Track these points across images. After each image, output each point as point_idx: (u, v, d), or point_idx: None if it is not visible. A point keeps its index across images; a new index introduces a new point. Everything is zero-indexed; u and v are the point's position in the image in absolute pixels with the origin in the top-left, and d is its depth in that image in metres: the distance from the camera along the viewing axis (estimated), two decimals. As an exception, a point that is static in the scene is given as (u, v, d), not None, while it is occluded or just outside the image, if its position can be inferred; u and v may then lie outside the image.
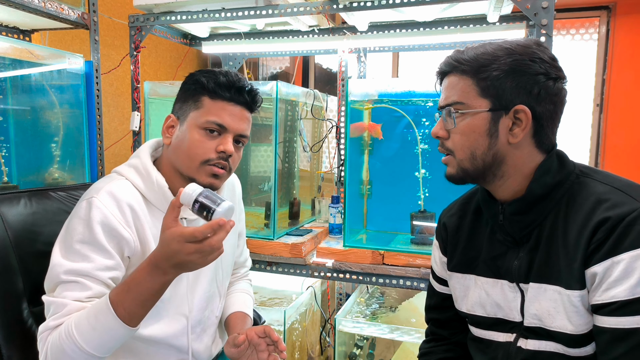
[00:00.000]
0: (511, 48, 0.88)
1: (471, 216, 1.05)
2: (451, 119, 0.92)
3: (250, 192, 2.13)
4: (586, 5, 3.32)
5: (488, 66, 0.88)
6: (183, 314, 1.14)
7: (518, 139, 0.88)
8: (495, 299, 0.97)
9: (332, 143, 2.28)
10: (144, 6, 1.86)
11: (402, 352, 1.89)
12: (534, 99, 0.87)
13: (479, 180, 0.95)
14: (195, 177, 1.08)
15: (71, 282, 0.97)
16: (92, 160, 1.87)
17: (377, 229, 1.94)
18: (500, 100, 0.87)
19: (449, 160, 0.95)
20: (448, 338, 1.13)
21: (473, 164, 0.91)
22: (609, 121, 3.31)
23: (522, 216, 0.92)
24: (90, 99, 1.85)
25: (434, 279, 1.14)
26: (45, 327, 0.96)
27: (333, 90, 3.70)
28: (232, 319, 1.27)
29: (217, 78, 1.08)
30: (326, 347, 2.31)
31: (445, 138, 0.94)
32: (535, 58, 0.87)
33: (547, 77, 0.87)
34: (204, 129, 1.07)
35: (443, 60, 0.96)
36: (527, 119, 0.87)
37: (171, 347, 1.14)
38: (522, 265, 0.92)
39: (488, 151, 0.90)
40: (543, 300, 0.89)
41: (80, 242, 0.99)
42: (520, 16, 1.87)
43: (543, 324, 0.89)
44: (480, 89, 0.89)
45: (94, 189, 1.06)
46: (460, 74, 0.91)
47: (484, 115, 0.89)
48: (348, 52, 2.21)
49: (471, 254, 1.02)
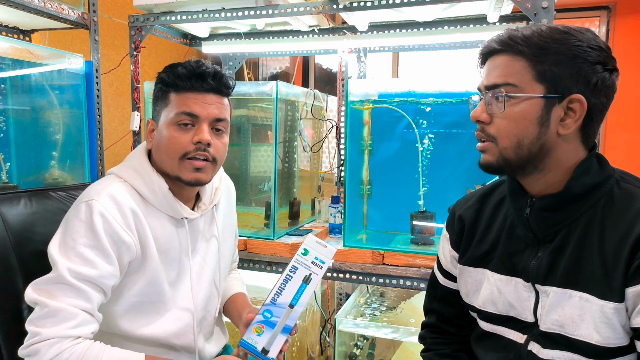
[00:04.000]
0: (570, 32, 0.80)
1: (490, 209, 0.99)
2: (500, 102, 0.83)
3: (250, 192, 2.13)
4: (586, 5, 3.32)
5: (548, 49, 0.80)
6: (188, 311, 1.14)
7: (569, 130, 0.82)
8: (508, 298, 0.92)
9: (332, 143, 2.28)
10: (144, 6, 1.86)
11: (402, 352, 1.89)
12: (590, 89, 0.80)
13: (517, 171, 0.88)
14: (179, 175, 1.06)
15: (74, 287, 0.95)
16: (92, 160, 1.87)
17: (377, 229, 1.94)
18: (556, 87, 0.80)
19: (488, 147, 0.87)
20: (456, 335, 1.09)
21: (517, 154, 0.84)
22: (609, 121, 3.31)
23: (551, 213, 0.86)
24: (90, 99, 1.85)
25: (440, 271, 1.10)
26: (54, 334, 0.93)
27: (333, 90, 3.70)
28: (235, 299, 1.31)
29: (176, 70, 1.07)
30: (326, 347, 2.31)
31: (487, 122, 0.86)
32: (594, 45, 0.80)
33: (605, 68, 0.80)
34: (175, 124, 1.06)
35: (491, 38, 0.87)
36: (581, 109, 0.80)
37: (173, 349, 1.14)
38: (541, 265, 0.87)
39: (536, 141, 0.83)
40: (567, 307, 0.83)
41: (85, 245, 0.97)
42: (521, 16, 1.87)
43: (565, 331, 0.83)
44: (536, 73, 0.81)
45: (93, 191, 1.04)
46: (515, 54, 0.82)
47: (537, 101, 0.81)
48: (348, 52, 2.21)
49: (485, 247, 0.97)
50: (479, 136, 0.89)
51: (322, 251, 1.06)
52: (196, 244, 1.17)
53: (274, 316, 1.03)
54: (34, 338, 0.93)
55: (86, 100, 1.84)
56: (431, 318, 1.13)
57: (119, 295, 1.06)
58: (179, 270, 1.13)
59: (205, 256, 1.19)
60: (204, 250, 1.19)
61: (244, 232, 1.85)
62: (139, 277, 1.07)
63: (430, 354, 1.09)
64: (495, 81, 0.84)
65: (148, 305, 1.09)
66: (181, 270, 1.14)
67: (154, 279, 1.08)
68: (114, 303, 1.06)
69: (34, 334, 0.94)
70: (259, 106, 2.08)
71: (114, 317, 1.07)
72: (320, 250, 1.06)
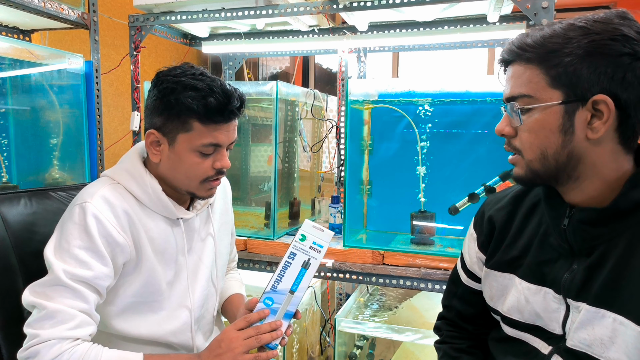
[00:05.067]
0: (586, 26, 0.74)
1: (523, 213, 0.94)
2: (516, 115, 0.80)
3: (250, 192, 2.13)
4: (586, 5, 3.32)
5: (558, 51, 0.75)
6: (186, 310, 1.15)
7: (599, 134, 0.75)
8: (536, 308, 0.87)
9: (332, 143, 2.28)
10: (144, 6, 1.86)
11: (402, 352, 1.89)
12: (617, 84, 0.73)
13: (550, 182, 0.84)
14: (195, 193, 1.10)
15: (71, 288, 0.95)
16: (92, 160, 1.87)
17: (377, 229, 1.94)
18: (575, 91, 0.75)
19: (516, 161, 0.85)
20: (472, 332, 1.07)
21: (544, 165, 0.80)
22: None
23: (593, 227, 0.80)
24: (90, 99, 1.85)
25: (463, 269, 1.06)
26: (53, 336, 0.93)
27: (333, 90, 3.70)
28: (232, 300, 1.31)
29: (207, 102, 1.00)
30: (326, 347, 2.31)
31: (512, 136, 0.83)
32: (617, 35, 0.72)
33: (635, 57, 0.72)
34: (199, 151, 1.05)
35: (505, 46, 0.83)
36: (609, 110, 0.74)
37: (171, 348, 1.14)
38: (575, 279, 0.81)
39: (562, 150, 0.78)
40: (598, 327, 0.77)
41: (79, 247, 0.98)
42: (521, 16, 1.87)
43: (592, 351, 0.78)
44: (550, 79, 0.76)
45: (87, 193, 1.04)
46: (526, 63, 0.79)
47: (556, 109, 0.77)
48: (348, 52, 2.21)
49: (515, 253, 0.92)
50: (507, 149, 0.86)
51: (320, 235, 1.06)
52: (192, 243, 1.17)
53: (275, 303, 1.04)
54: (33, 340, 0.93)
55: (86, 100, 1.84)
56: (450, 313, 1.11)
57: (114, 296, 1.06)
58: (176, 270, 1.14)
59: (202, 255, 1.19)
60: (200, 249, 1.19)
61: (244, 232, 1.85)
62: (135, 278, 1.07)
63: (445, 347, 1.07)
64: (512, 93, 0.81)
65: (144, 305, 1.09)
66: (178, 270, 1.14)
67: (151, 279, 1.08)
68: (110, 304, 1.06)
69: (33, 336, 0.94)
70: (259, 106, 2.08)
71: (110, 318, 1.07)
72: (317, 234, 1.06)
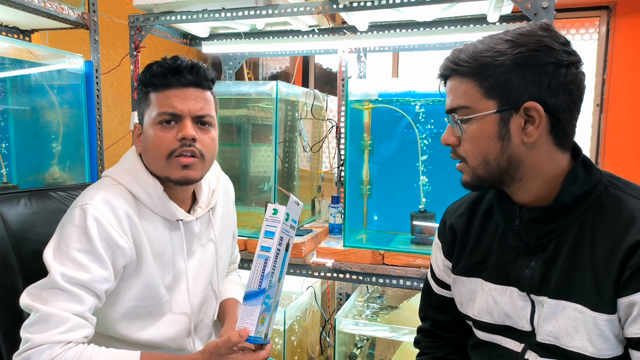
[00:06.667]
0: (513, 39, 0.81)
1: (480, 217, 0.99)
2: (457, 125, 0.86)
3: (250, 192, 2.13)
4: (586, 5, 3.32)
5: (490, 64, 0.81)
6: (185, 315, 1.14)
7: (533, 138, 0.82)
8: (504, 308, 0.92)
9: (332, 143, 2.28)
10: (144, 6, 1.86)
11: (402, 352, 1.89)
12: (545, 91, 0.79)
13: (496, 185, 0.89)
14: (168, 175, 1.04)
15: (67, 292, 0.94)
16: (92, 160, 1.87)
17: (377, 229, 1.94)
18: (507, 99, 0.81)
19: (462, 168, 0.90)
20: (450, 340, 1.09)
21: (487, 170, 0.86)
22: (609, 121, 3.31)
23: (542, 224, 0.86)
24: (90, 99, 1.85)
25: (433, 279, 1.10)
26: (44, 340, 0.92)
27: (333, 90, 3.70)
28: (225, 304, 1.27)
29: (152, 69, 1.04)
30: (326, 347, 2.31)
31: (457, 145, 0.89)
32: (541, 47, 0.79)
33: (558, 65, 0.79)
34: (158, 123, 1.03)
35: (442, 62, 0.89)
36: (539, 115, 0.80)
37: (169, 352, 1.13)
38: (535, 275, 0.87)
39: (501, 155, 0.84)
40: (561, 318, 0.83)
41: (78, 250, 0.96)
42: (521, 16, 1.87)
43: (559, 342, 0.83)
44: (484, 90, 0.82)
45: (87, 195, 1.02)
46: (461, 77, 0.85)
47: (492, 118, 0.83)
48: (348, 52, 2.21)
49: (478, 257, 0.97)
50: (453, 157, 0.92)
51: (297, 210, 0.99)
52: (192, 247, 1.15)
53: (271, 298, 0.99)
54: (26, 345, 0.93)
55: (86, 100, 1.84)
56: (426, 324, 1.13)
57: (115, 299, 1.05)
58: (175, 274, 1.12)
59: (202, 259, 1.17)
60: (200, 253, 1.17)
61: (244, 232, 1.85)
62: (135, 281, 1.06)
63: (425, 358, 1.10)
64: (452, 105, 0.87)
65: (144, 310, 1.08)
66: (177, 274, 1.12)
67: (149, 283, 1.07)
68: (110, 308, 1.05)
69: (26, 340, 0.93)
70: (259, 106, 2.08)
71: (110, 322, 1.06)
72: (296, 210, 0.98)
